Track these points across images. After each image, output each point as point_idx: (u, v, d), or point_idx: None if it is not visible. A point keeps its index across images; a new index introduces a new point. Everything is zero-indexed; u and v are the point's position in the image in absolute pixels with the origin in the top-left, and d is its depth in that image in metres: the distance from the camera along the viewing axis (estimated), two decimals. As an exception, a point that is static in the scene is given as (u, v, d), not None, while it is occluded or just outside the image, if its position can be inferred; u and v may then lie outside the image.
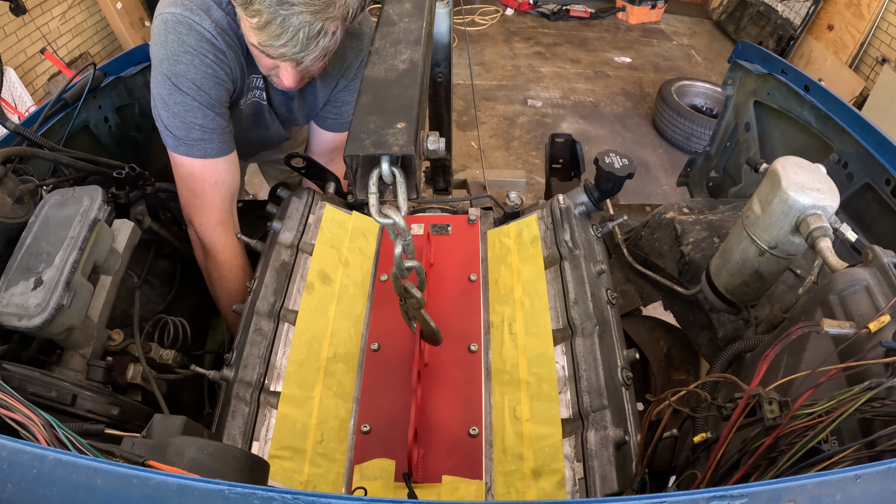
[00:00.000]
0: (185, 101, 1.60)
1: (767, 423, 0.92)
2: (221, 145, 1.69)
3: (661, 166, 5.53)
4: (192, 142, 1.65)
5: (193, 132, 1.64)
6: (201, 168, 1.70)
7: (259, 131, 2.02)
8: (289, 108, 1.97)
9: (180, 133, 1.64)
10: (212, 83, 1.61)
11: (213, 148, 1.68)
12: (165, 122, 1.64)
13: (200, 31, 1.55)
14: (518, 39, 7.99)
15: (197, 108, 1.61)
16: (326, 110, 2.03)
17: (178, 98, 1.59)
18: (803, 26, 6.84)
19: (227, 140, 1.71)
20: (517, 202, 1.92)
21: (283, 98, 1.91)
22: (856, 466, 0.71)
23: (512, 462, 1.31)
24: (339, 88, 1.95)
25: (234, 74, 1.67)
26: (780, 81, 2.29)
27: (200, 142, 1.65)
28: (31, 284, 1.19)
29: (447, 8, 2.14)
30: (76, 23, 5.87)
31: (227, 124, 1.70)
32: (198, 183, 1.72)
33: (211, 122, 1.64)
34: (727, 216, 2.14)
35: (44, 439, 0.82)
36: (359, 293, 1.67)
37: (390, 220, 0.99)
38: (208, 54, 1.57)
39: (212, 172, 1.71)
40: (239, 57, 1.66)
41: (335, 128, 2.07)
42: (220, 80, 1.63)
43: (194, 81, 1.58)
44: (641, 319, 2.17)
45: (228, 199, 1.80)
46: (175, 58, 1.56)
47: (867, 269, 1.18)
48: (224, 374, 1.43)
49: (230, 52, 1.62)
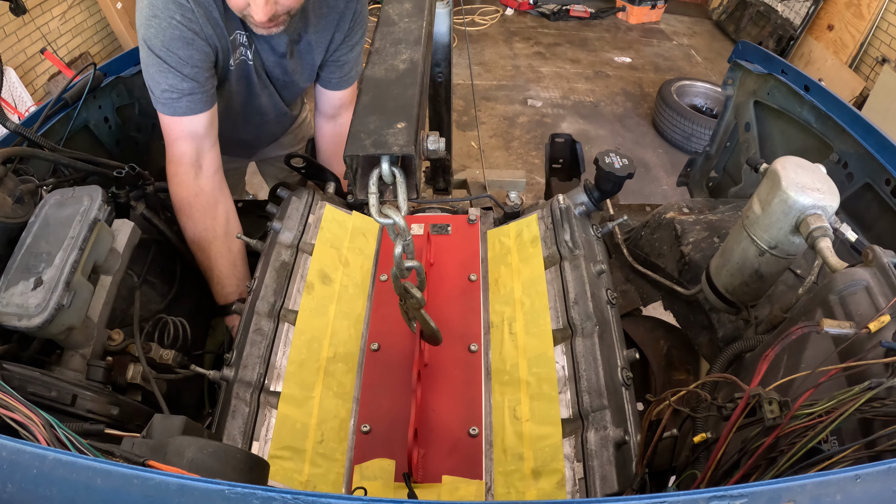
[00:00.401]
0: (157, 63, 1.67)
1: (767, 423, 0.92)
2: (190, 105, 1.74)
3: (661, 166, 5.53)
4: (165, 100, 1.73)
5: (164, 91, 1.71)
6: (169, 122, 1.78)
7: (253, 101, 2.02)
8: (284, 68, 1.97)
9: (156, 91, 1.73)
10: (180, 44, 1.66)
11: (180, 107, 1.74)
12: (146, 81, 1.74)
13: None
14: (518, 39, 7.99)
15: (167, 69, 1.67)
16: (329, 71, 2.05)
17: (152, 60, 1.67)
18: (803, 26, 6.84)
19: (196, 101, 1.75)
20: (517, 202, 1.92)
21: (276, 58, 1.92)
22: (856, 466, 0.71)
23: (512, 462, 1.31)
24: (335, 44, 1.96)
25: (205, 32, 1.70)
26: (780, 81, 2.29)
27: (170, 101, 1.72)
28: (31, 284, 1.19)
29: (447, 8, 2.14)
30: (76, 23, 5.87)
31: (198, 85, 1.74)
32: (167, 134, 1.81)
33: (180, 83, 1.70)
34: (727, 216, 2.14)
35: (44, 439, 0.82)
36: (359, 293, 1.67)
37: (390, 220, 0.99)
38: (175, 15, 1.63)
39: (177, 127, 1.78)
40: (211, 12, 1.69)
41: (341, 85, 2.11)
42: (187, 39, 1.66)
43: (163, 43, 1.64)
44: (641, 319, 2.17)
45: (191, 153, 1.81)
46: (147, 22, 1.64)
47: (867, 269, 1.18)
48: (224, 374, 1.43)
49: (199, 9, 1.65)
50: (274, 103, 2.11)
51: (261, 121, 2.19)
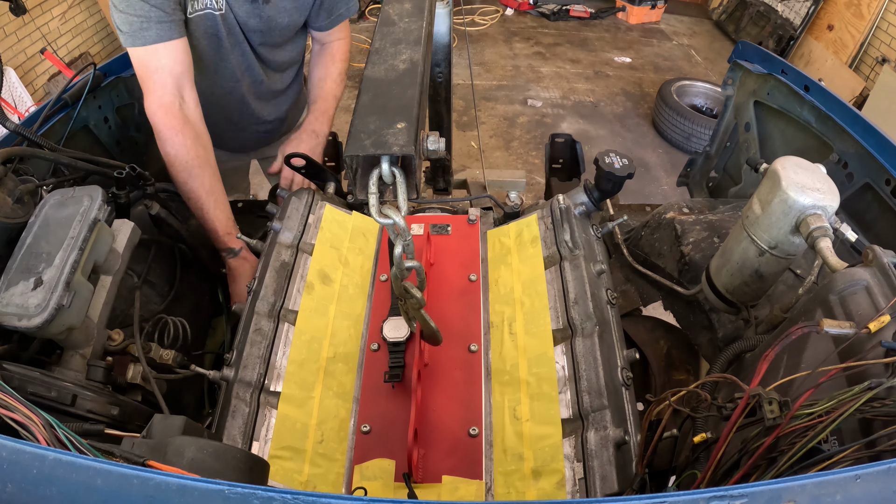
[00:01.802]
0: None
1: (767, 423, 0.92)
2: (159, 32, 1.76)
3: (661, 166, 5.53)
4: (134, 32, 1.75)
5: (134, 23, 1.74)
6: (144, 55, 1.79)
7: (221, 61, 2.03)
8: (260, 16, 1.98)
9: (125, 27, 1.76)
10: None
11: (150, 35, 1.76)
12: (116, 22, 1.77)
13: None
14: (518, 39, 7.99)
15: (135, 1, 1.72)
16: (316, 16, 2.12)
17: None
18: (803, 26, 6.84)
19: (164, 28, 1.77)
20: (517, 202, 1.92)
21: (248, 5, 1.93)
22: (856, 466, 0.71)
23: (512, 462, 1.31)
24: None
25: None
26: (780, 81, 2.29)
27: (140, 31, 1.75)
28: (31, 284, 1.19)
29: (447, 8, 2.14)
30: (76, 23, 5.88)
31: (165, 14, 1.77)
32: (142, 70, 1.82)
33: (147, 12, 1.73)
34: (727, 216, 2.14)
35: (44, 439, 0.82)
36: (359, 293, 1.67)
37: (390, 220, 0.99)
38: None
39: (152, 58, 1.79)
40: None
41: (331, 25, 2.18)
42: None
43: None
44: (641, 319, 2.17)
45: (171, 84, 1.82)
46: None
47: (867, 269, 1.18)
48: (224, 374, 1.43)
49: None
50: (248, 64, 2.10)
51: (236, 90, 2.16)
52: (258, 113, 2.31)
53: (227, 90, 2.14)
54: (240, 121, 2.30)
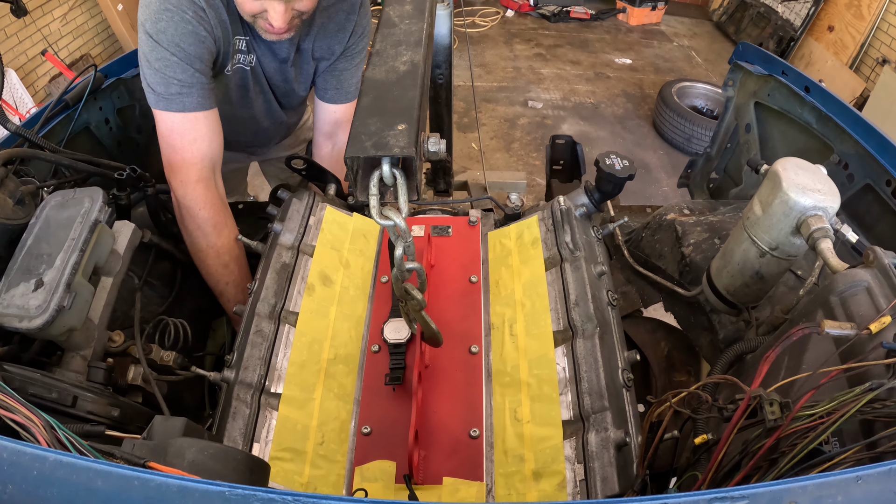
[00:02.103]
0: (166, 57, 1.64)
1: (768, 424, 0.92)
2: (200, 100, 1.71)
3: (662, 168, 5.53)
4: (171, 96, 1.68)
5: (172, 87, 1.67)
6: (181, 123, 1.72)
7: (245, 108, 2.01)
8: (284, 75, 1.96)
9: (160, 88, 1.68)
10: (191, 39, 1.64)
11: (191, 102, 1.70)
12: (148, 80, 1.68)
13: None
14: (518, 41, 7.99)
15: (176, 63, 1.64)
16: (326, 80, 2.03)
17: (159, 54, 1.64)
18: (803, 27, 6.84)
19: (206, 96, 1.73)
20: (518, 204, 1.92)
21: (277, 63, 1.91)
22: (857, 468, 0.71)
23: (513, 464, 1.31)
24: (334, 55, 1.95)
25: (215, 33, 1.69)
26: (780, 83, 2.29)
27: (179, 96, 1.68)
28: (31, 286, 1.19)
29: (448, 10, 2.14)
30: (77, 24, 5.88)
31: (206, 81, 1.72)
32: (177, 139, 1.74)
33: (190, 78, 1.67)
34: (728, 217, 2.14)
35: (44, 440, 0.82)
36: (359, 295, 1.67)
37: (391, 221, 0.99)
38: (188, 11, 1.62)
39: (191, 128, 1.73)
40: (220, 14, 1.68)
41: (338, 99, 2.07)
42: (199, 36, 1.65)
43: (174, 38, 1.62)
44: (642, 321, 2.17)
45: (209, 156, 1.78)
46: (157, 16, 1.61)
47: (868, 270, 1.18)
48: (225, 376, 1.43)
49: (210, 10, 1.65)
50: (270, 110, 2.09)
51: (256, 127, 2.17)
52: (270, 136, 2.35)
53: (250, 129, 2.17)
54: (251, 142, 2.34)
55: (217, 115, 1.79)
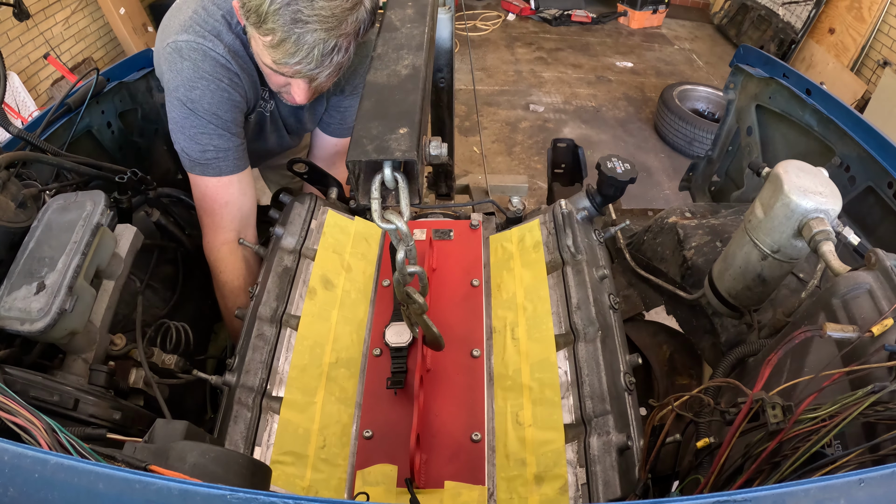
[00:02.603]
0: (201, 125, 1.63)
1: (771, 427, 0.91)
2: (236, 162, 1.72)
3: (664, 171, 5.53)
4: (207, 161, 1.68)
5: (208, 153, 1.67)
6: (214, 187, 1.73)
7: (260, 143, 2.03)
8: (298, 118, 1.98)
9: (195, 154, 1.67)
10: (227, 106, 1.64)
11: (227, 166, 1.71)
12: (182, 145, 1.68)
13: (215, 57, 1.58)
14: (520, 45, 8.00)
15: (213, 130, 1.64)
16: (330, 116, 2.04)
17: (194, 122, 1.63)
18: (804, 30, 6.85)
19: (240, 157, 1.74)
20: (519, 207, 1.92)
21: (291, 108, 1.92)
22: (860, 471, 0.71)
23: (514, 467, 1.31)
24: (344, 93, 1.96)
25: (248, 95, 1.70)
26: (781, 85, 2.29)
27: (215, 160, 1.68)
28: (33, 289, 1.19)
29: (449, 13, 2.14)
30: (79, 28, 5.90)
31: (241, 142, 1.73)
32: (209, 202, 1.76)
33: (226, 143, 1.67)
34: (729, 220, 2.14)
35: (46, 443, 0.82)
36: (361, 298, 1.67)
37: (393, 225, 0.99)
38: (223, 79, 1.61)
39: (224, 192, 1.74)
40: (253, 77, 1.68)
41: (339, 133, 2.08)
42: (235, 102, 1.66)
43: (210, 106, 1.61)
44: (644, 324, 2.17)
45: (238, 219, 1.80)
46: (191, 84, 1.58)
47: (870, 273, 1.18)
48: (226, 379, 1.43)
49: (244, 74, 1.64)
50: (281, 142, 2.10)
51: (265, 154, 2.19)
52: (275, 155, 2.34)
53: (260, 156, 2.17)
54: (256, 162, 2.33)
55: (250, 173, 1.80)
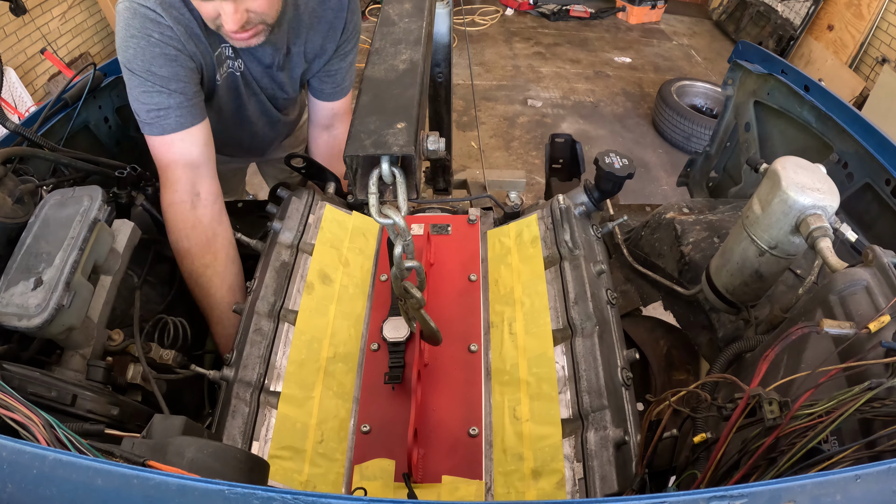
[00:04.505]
0: (140, 83, 1.63)
1: (767, 423, 0.92)
2: (178, 119, 1.68)
3: (661, 166, 5.53)
4: (152, 121, 1.67)
5: (151, 112, 1.66)
6: (159, 146, 1.71)
7: (242, 111, 2.00)
8: (272, 78, 1.94)
9: (142, 115, 1.67)
10: (161, 62, 1.62)
11: (169, 124, 1.68)
12: (132, 106, 1.68)
13: (144, 13, 1.57)
14: (518, 39, 7.99)
15: (150, 87, 1.63)
16: (321, 81, 2.02)
17: (135, 82, 1.63)
18: (803, 26, 6.84)
19: (184, 114, 1.69)
20: (517, 202, 1.92)
21: (262, 69, 1.89)
22: (856, 466, 0.71)
23: (512, 462, 1.31)
24: (327, 55, 1.93)
25: (188, 48, 1.66)
26: (780, 81, 2.29)
27: (157, 119, 1.67)
28: (31, 284, 1.19)
29: (447, 8, 2.14)
30: (76, 23, 5.87)
31: (186, 99, 1.68)
32: (157, 161, 1.74)
33: (166, 100, 1.65)
34: (727, 216, 2.14)
35: (44, 439, 0.82)
36: (359, 293, 1.67)
37: (390, 220, 0.99)
38: (153, 34, 1.59)
39: (167, 151, 1.71)
40: (192, 29, 1.65)
41: (334, 96, 2.08)
42: (169, 56, 1.63)
43: (144, 63, 1.61)
44: (641, 319, 2.17)
45: (185, 179, 1.73)
46: (125, 44, 1.60)
47: (867, 269, 1.18)
48: (224, 374, 1.43)
49: (178, 25, 1.62)
50: (264, 111, 2.08)
51: (252, 129, 2.16)
52: (270, 136, 2.33)
53: (247, 130, 2.15)
54: (250, 144, 2.32)
55: (201, 131, 1.75)
